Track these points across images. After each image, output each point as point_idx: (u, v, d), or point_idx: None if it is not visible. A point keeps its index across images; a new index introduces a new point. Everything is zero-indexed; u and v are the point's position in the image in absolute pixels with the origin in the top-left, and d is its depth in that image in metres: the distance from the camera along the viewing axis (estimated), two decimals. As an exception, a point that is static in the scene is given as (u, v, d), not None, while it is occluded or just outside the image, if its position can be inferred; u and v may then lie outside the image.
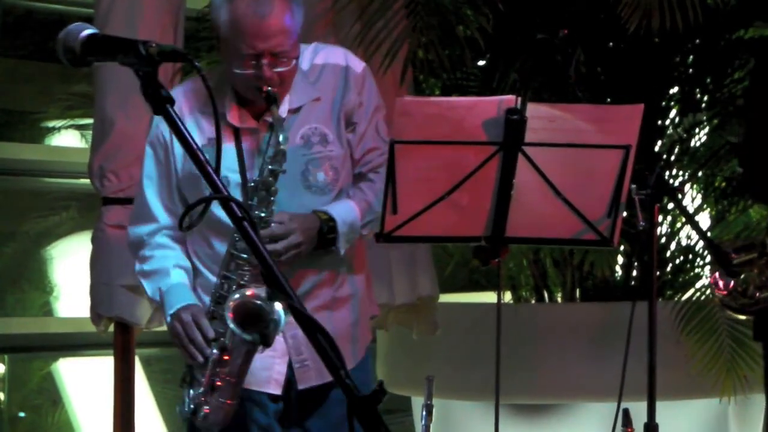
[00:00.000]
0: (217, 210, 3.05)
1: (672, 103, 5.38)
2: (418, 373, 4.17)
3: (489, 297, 5.35)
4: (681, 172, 5.39)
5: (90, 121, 4.91)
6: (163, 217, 3.27)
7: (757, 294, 3.44)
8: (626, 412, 3.35)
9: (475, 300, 5.59)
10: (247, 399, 3.18)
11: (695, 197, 5.50)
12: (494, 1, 4.68)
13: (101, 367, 6.52)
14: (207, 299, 3.18)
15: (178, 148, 3.20)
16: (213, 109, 2.20)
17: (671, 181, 5.24)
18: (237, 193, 3.12)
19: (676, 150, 5.37)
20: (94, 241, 4.45)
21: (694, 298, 4.81)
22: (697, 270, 5.27)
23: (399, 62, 4.48)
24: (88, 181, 4.51)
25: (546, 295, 5.42)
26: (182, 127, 2.08)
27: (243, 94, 3.17)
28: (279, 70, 3.09)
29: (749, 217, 5.33)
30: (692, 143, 5.39)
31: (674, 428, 4.46)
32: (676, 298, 5.04)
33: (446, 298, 4.98)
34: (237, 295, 3.03)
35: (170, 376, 7.45)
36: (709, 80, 5.31)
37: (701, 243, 5.11)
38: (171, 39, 4.45)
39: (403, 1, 4.48)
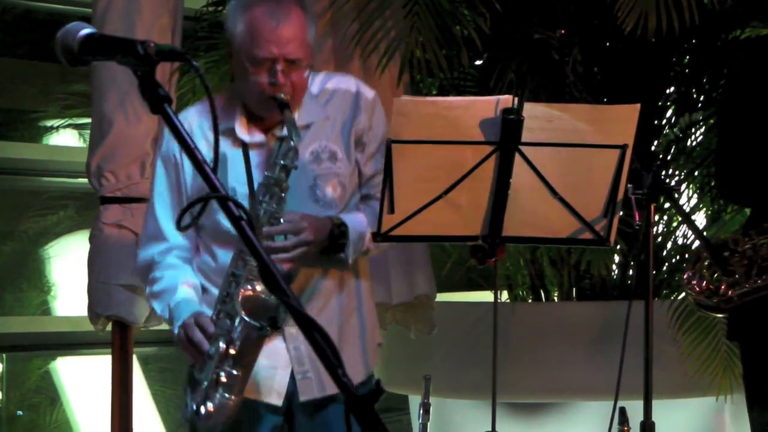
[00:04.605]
0: (224, 220, 3.10)
1: (668, 102, 5.39)
2: (416, 371, 4.19)
3: (486, 296, 5.35)
4: (677, 172, 5.40)
5: (88, 120, 4.91)
6: (174, 236, 3.29)
7: (730, 292, 3.45)
8: (623, 410, 3.36)
9: (472, 299, 5.60)
10: (245, 410, 3.18)
11: (691, 197, 5.51)
12: (491, 1, 4.69)
13: (99, 366, 6.53)
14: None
15: (188, 166, 3.22)
16: (210, 104, 2.20)
17: (668, 180, 5.25)
18: (245, 204, 3.12)
19: (673, 149, 5.38)
20: (92, 240, 4.46)
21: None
22: (693, 269, 5.27)
23: (396, 62, 4.49)
24: (86, 180, 4.52)
25: (543, 294, 5.43)
26: (180, 126, 2.09)
27: (253, 108, 3.21)
28: (292, 78, 3.13)
29: (745, 217, 5.32)
30: (688, 143, 5.40)
31: (671, 427, 4.46)
32: (672, 298, 5.05)
33: (443, 297, 5.00)
34: (248, 287, 3.05)
35: (168, 375, 7.45)
36: (705, 80, 5.32)
37: (697, 242, 5.12)
38: (169, 38, 4.46)
39: (400, 1, 4.49)
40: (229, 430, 3.15)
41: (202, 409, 3.06)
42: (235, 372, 3.05)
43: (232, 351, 3.05)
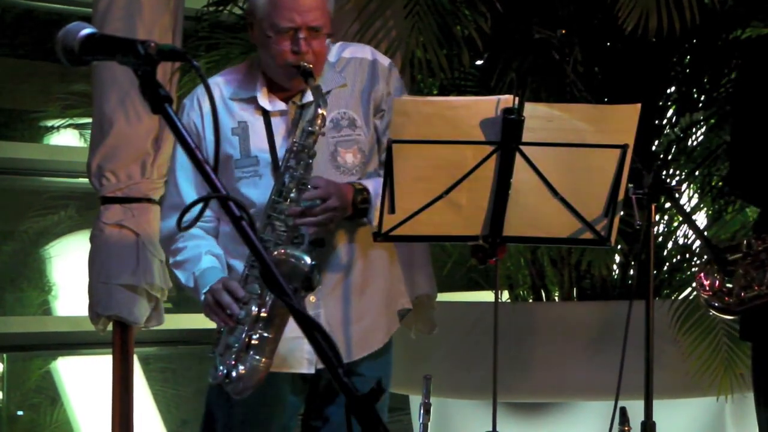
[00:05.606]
0: (243, 188, 3.22)
1: (669, 102, 5.39)
2: (416, 371, 4.18)
3: (487, 296, 5.36)
4: (678, 172, 5.40)
5: (89, 120, 4.92)
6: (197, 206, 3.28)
7: (743, 294, 3.44)
8: (623, 410, 3.35)
9: (472, 299, 5.60)
10: (270, 393, 3.22)
11: (692, 196, 5.51)
12: (492, 1, 4.69)
13: (100, 366, 6.53)
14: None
15: (209, 135, 3.28)
16: (212, 108, 2.21)
17: (668, 180, 5.25)
18: (267, 172, 3.24)
19: (674, 149, 5.38)
20: (93, 240, 4.46)
21: (691, 297, 4.82)
22: (694, 269, 5.27)
23: (397, 62, 4.48)
24: (86, 180, 4.53)
25: (543, 294, 5.42)
26: (180, 125, 2.09)
27: (275, 77, 3.28)
28: (314, 46, 3.19)
29: (746, 216, 5.33)
30: (689, 143, 5.40)
31: (671, 427, 4.47)
32: (673, 297, 5.04)
33: (444, 297, 4.99)
34: (280, 249, 3.07)
35: (169, 374, 7.47)
36: (706, 80, 5.32)
37: (698, 242, 5.12)
38: (170, 38, 4.46)
39: (401, 2, 4.49)
40: (252, 414, 3.22)
41: (233, 372, 3.10)
42: (266, 334, 3.09)
43: (264, 314, 3.09)
